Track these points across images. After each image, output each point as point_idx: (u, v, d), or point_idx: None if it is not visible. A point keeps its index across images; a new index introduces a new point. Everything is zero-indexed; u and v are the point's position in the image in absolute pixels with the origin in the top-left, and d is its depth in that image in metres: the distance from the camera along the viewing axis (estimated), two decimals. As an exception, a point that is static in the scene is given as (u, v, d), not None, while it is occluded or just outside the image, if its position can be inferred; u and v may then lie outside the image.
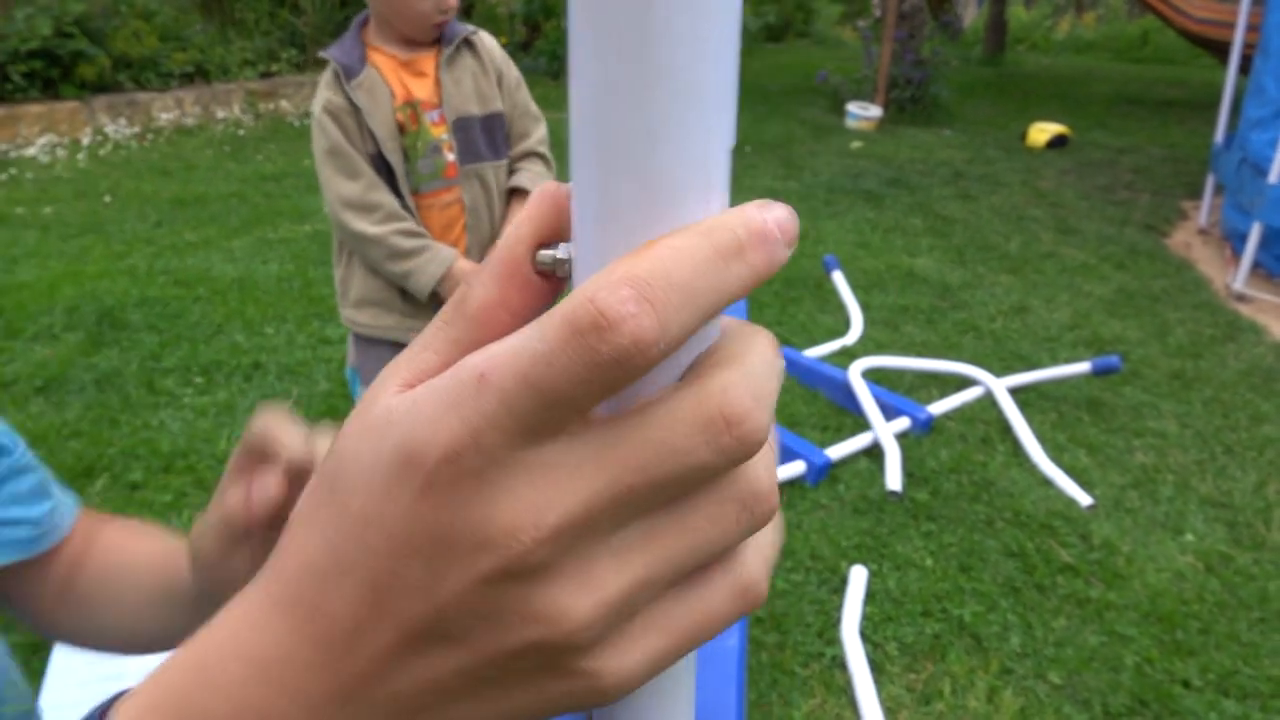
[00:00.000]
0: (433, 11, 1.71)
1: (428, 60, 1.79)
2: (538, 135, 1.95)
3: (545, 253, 0.24)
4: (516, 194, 1.93)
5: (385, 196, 1.73)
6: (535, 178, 1.94)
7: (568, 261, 0.23)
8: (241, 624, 0.23)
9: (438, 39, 1.79)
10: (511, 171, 1.92)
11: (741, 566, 0.24)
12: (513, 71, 1.92)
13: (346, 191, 1.71)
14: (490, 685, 0.22)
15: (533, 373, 0.19)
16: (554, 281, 0.24)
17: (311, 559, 0.22)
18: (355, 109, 1.70)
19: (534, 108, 1.96)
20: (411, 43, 1.77)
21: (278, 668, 0.22)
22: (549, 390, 0.19)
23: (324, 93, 1.71)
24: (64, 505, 0.64)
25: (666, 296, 0.19)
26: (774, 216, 0.21)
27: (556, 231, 0.24)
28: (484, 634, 0.21)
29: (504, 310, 0.23)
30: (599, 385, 0.19)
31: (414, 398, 0.21)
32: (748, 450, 0.21)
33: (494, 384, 0.20)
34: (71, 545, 0.64)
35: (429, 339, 0.23)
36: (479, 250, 1.89)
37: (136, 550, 0.64)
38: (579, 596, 0.21)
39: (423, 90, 1.77)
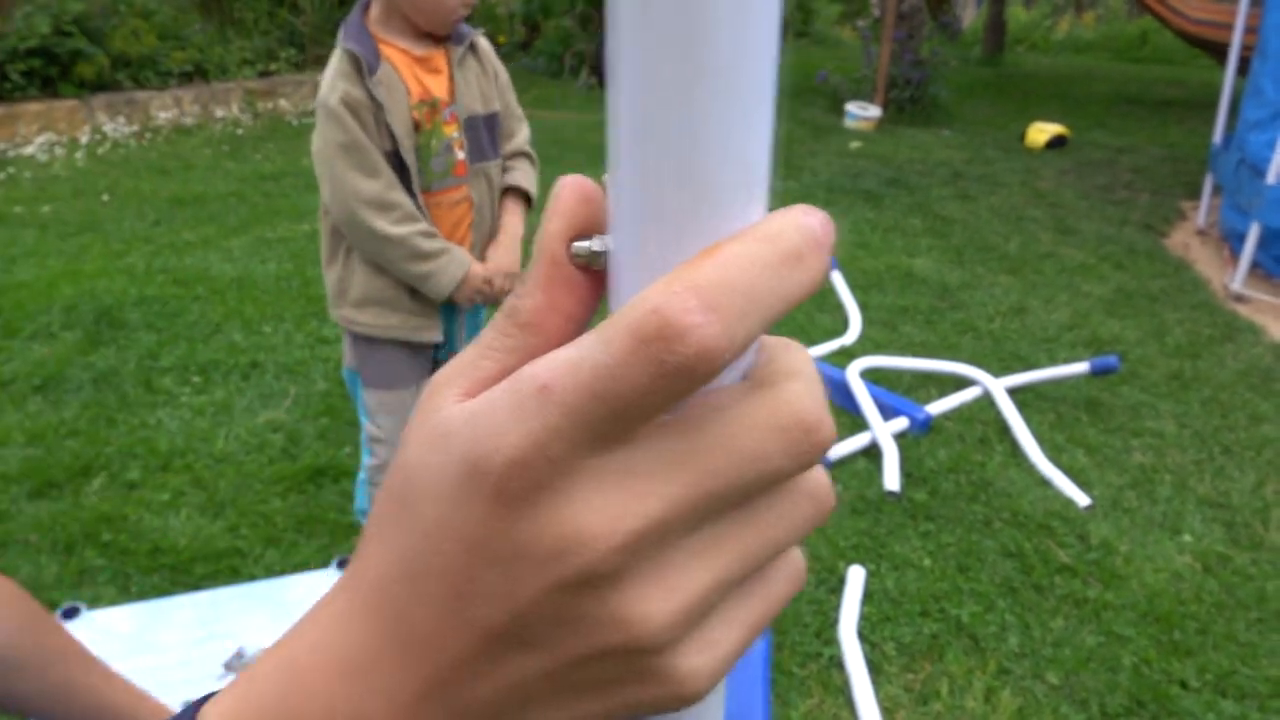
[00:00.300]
0: (458, 5, 1.68)
1: (441, 57, 1.78)
2: (524, 135, 1.97)
3: (581, 244, 0.23)
4: (511, 192, 1.94)
5: (403, 196, 1.72)
6: (528, 176, 1.96)
7: (604, 254, 0.23)
8: (329, 628, 0.23)
9: (447, 36, 1.79)
10: (504, 170, 1.93)
11: (793, 551, 0.24)
12: (504, 73, 1.94)
13: (366, 189, 1.67)
14: (571, 690, 0.22)
15: (597, 384, 0.19)
16: (596, 276, 0.24)
17: (391, 568, 0.22)
18: (377, 105, 1.67)
19: (519, 109, 1.98)
20: (423, 37, 1.74)
21: (367, 670, 0.22)
22: (614, 401, 0.19)
23: (341, 84, 1.65)
24: None
25: (732, 302, 0.19)
26: (821, 220, 0.22)
27: (588, 223, 0.24)
28: (563, 639, 0.21)
29: (555, 314, 0.23)
30: (665, 395, 0.19)
31: (474, 409, 0.21)
32: (820, 455, 0.21)
33: (557, 396, 0.20)
34: None
35: (486, 346, 0.23)
36: (481, 247, 1.90)
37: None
38: (657, 601, 0.21)
39: (440, 88, 1.76)
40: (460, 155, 1.81)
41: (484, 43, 1.87)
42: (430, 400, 0.23)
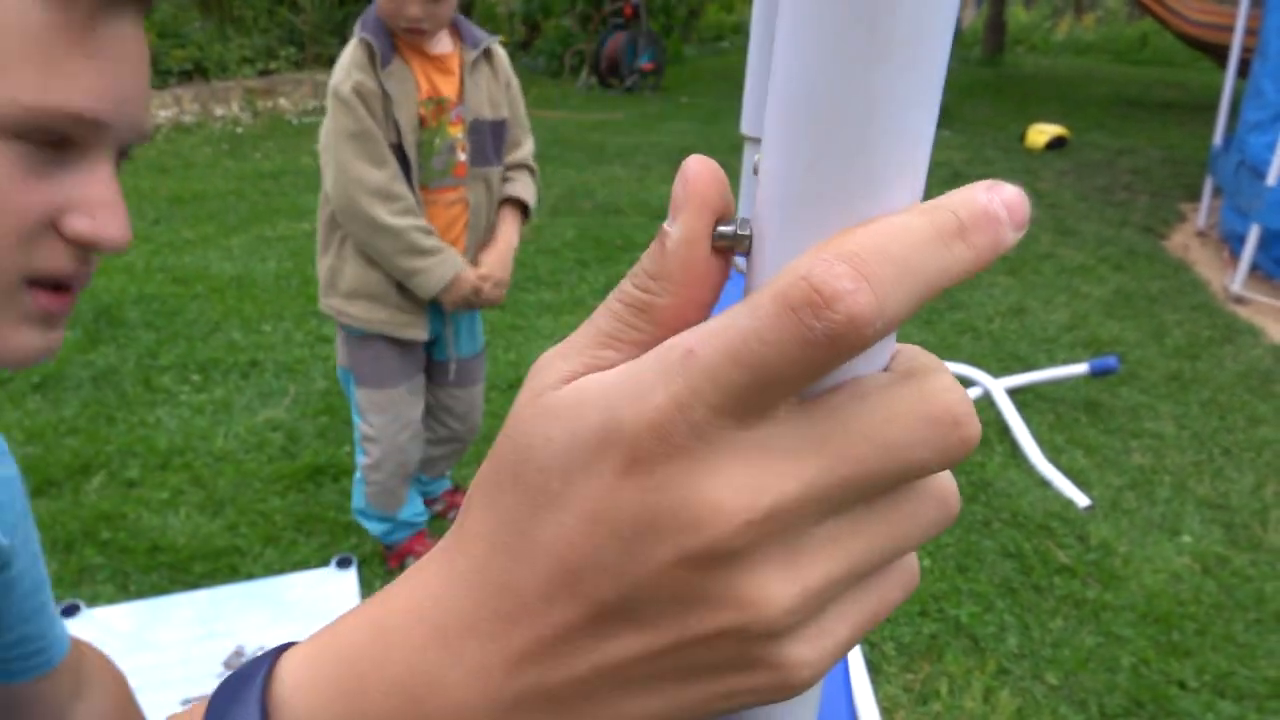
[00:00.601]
0: (410, 15, 1.66)
1: (454, 59, 1.79)
2: (528, 147, 1.98)
3: (725, 229, 0.23)
4: (510, 202, 1.94)
5: (405, 189, 1.73)
6: (528, 188, 1.97)
7: (748, 237, 0.23)
8: (423, 594, 0.23)
9: (460, 39, 1.79)
10: (505, 180, 1.94)
11: (910, 555, 0.24)
12: (516, 83, 1.95)
13: (371, 178, 1.68)
14: (673, 674, 0.21)
15: (744, 349, 0.19)
16: (727, 259, 0.23)
17: (500, 539, 0.22)
18: (385, 95, 1.67)
19: (526, 120, 1.99)
20: (419, 35, 1.73)
21: (457, 637, 0.22)
22: (759, 367, 0.19)
23: (355, 73, 1.66)
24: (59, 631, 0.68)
25: (884, 272, 0.18)
26: (1003, 198, 0.20)
27: (726, 207, 0.23)
28: (675, 618, 0.20)
29: (694, 309, 0.22)
30: (812, 364, 0.19)
31: (612, 379, 0.21)
32: (966, 452, 0.21)
33: (701, 359, 0.19)
34: (66, 677, 0.67)
35: (608, 335, 0.22)
36: (475, 251, 1.90)
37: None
38: (783, 583, 0.20)
39: (449, 88, 1.77)
40: (462, 157, 1.81)
41: (500, 51, 1.89)
42: (541, 378, 0.22)
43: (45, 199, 0.45)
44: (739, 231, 0.22)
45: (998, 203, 0.20)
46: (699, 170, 0.22)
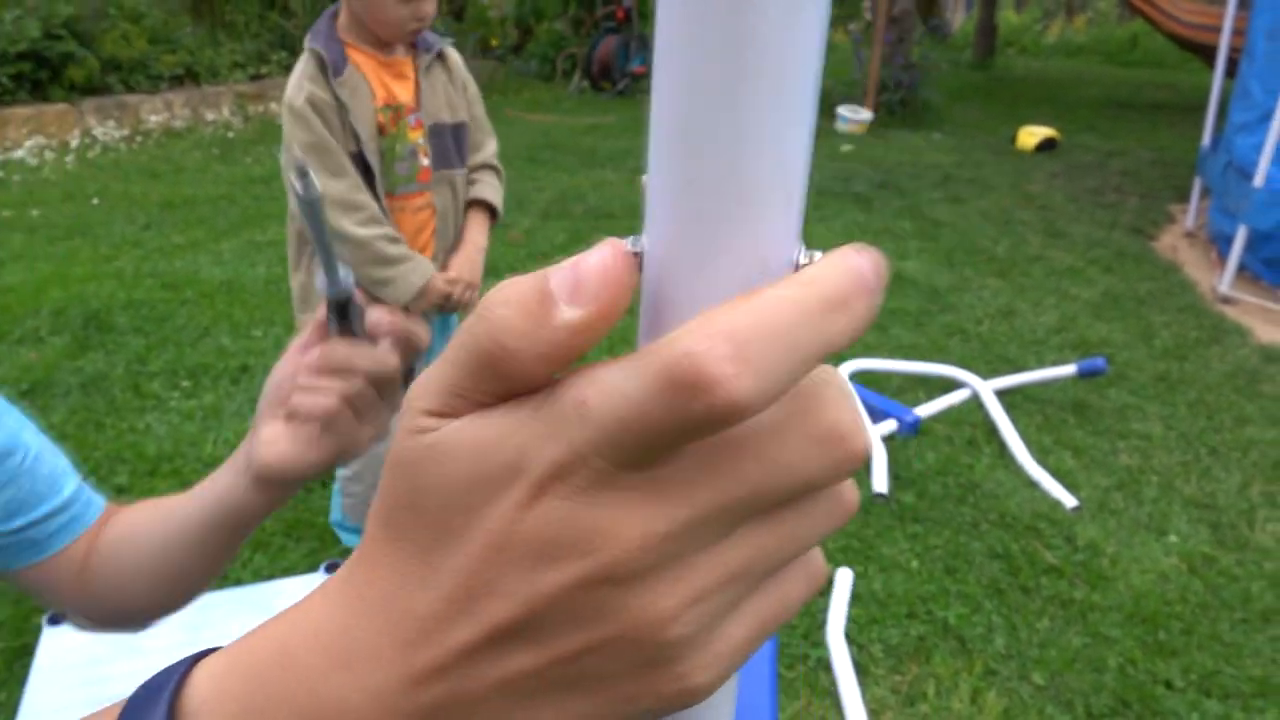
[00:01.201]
0: (408, 19, 1.69)
1: (408, 64, 1.79)
2: (490, 148, 1.99)
3: (632, 248, 0.23)
4: (476, 204, 1.94)
5: (368, 198, 1.72)
6: (494, 189, 1.96)
7: (640, 255, 0.23)
8: (327, 622, 0.24)
9: (413, 45, 1.80)
10: (470, 182, 1.94)
11: (813, 551, 0.24)
12: (473, 86, 1.94)
13: (332, 189, 1.67)
14: (567, 688, 0.22)
15: (628, 417, 0.19)
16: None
17: (402, 569, 0.23)
18: (340, 105, 1.68)
19: (488, 123, 1.99)
20: (385, 45, 1.75)
21: (362, 664, 0.23)
22: (643, 434, 0.19)
23: (306, 85, 1.67)
24: (83, 502, 0.70)
25: (766, 353, 0.19)
26: (872, 261, 0.21)
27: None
28: (569, 634, 0.21)
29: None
30: (691, 436, 0.20)
31: (504, 421, 0.21)
32: (856, 466, 0.21)
33: (594, 417, 0.20)
34: (86, 535, 0.70)
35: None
36: (444, 255, 1.90)
37: (135, 519, 0.71)
38: (675, 596, 0.21)
39: (405, 93, 1.78)
40: (425, 162, 1.81)
41: (454, 54, 1.89)
42: (416, 419, 0.23)
43: None
44: (632, 249, 0.23)
45: (869, 267, 0.21)
46: (609, 267, 0.21)
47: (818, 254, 0.22)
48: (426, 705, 0.22)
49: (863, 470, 2.59)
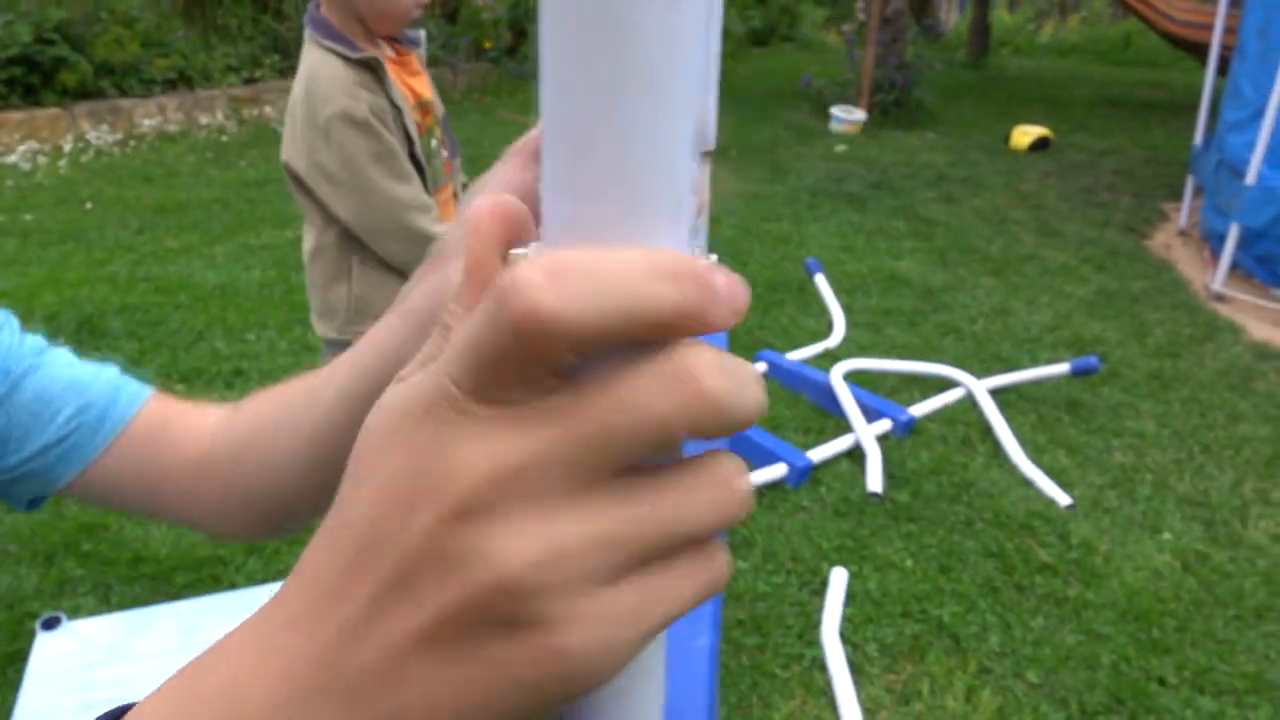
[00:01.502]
0: (411, 7, 1.65)
1: (414, 59, 1.77)
2: None
3: (517, 251, 0.24)
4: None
5: (430, 198, 1.72)
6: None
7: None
8: (263, 612, 0.25)
9: (397, 40, 1.76)
10: None
11: (710, 551, 0.24)
12: None
13: (405, 195, 1.63)
14: (450, 652, 0.22)
15: (471, 337, 0.21)
16: None
17: (318, 538, 0.24)
18: (398, 110, 1.64)
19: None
20: (370, 39, 1.69)
21: (280, 644, 0.23)
22: (478, 348, 0.21)
23: (363, 94, 1.59)
24: (121, 393, 0.63)
25: (578, 283, 0.20)
26: (726, 278, 0.22)
27: (516, 235, 0.25)
28: (441, 584, 0.21)
29: None
30: (509, 352, 0.20)
31: (416, 360, 0.24)
32: (708, 409, 0.21)
33: (451, 344, 0.22)
34: (149, 426, 0.62)
35: (426, 356, 0.25)
36: None
37: (270, 406, 0.61)
38: (532, 539, 0.21)
39: (425, 89, 1.77)
40: (445, 154, 1.82)
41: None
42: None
43: None
44: (529, 254, 0.24)
45: (721, 279, 0.21)
46: (485, 209, 0.25)
47: (714, 257, 0.23)
48: (352, 677, 0.22)
49: (858, 470, 2.60)
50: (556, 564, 0.21)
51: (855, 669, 1.91)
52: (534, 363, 0.21)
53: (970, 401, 2.98)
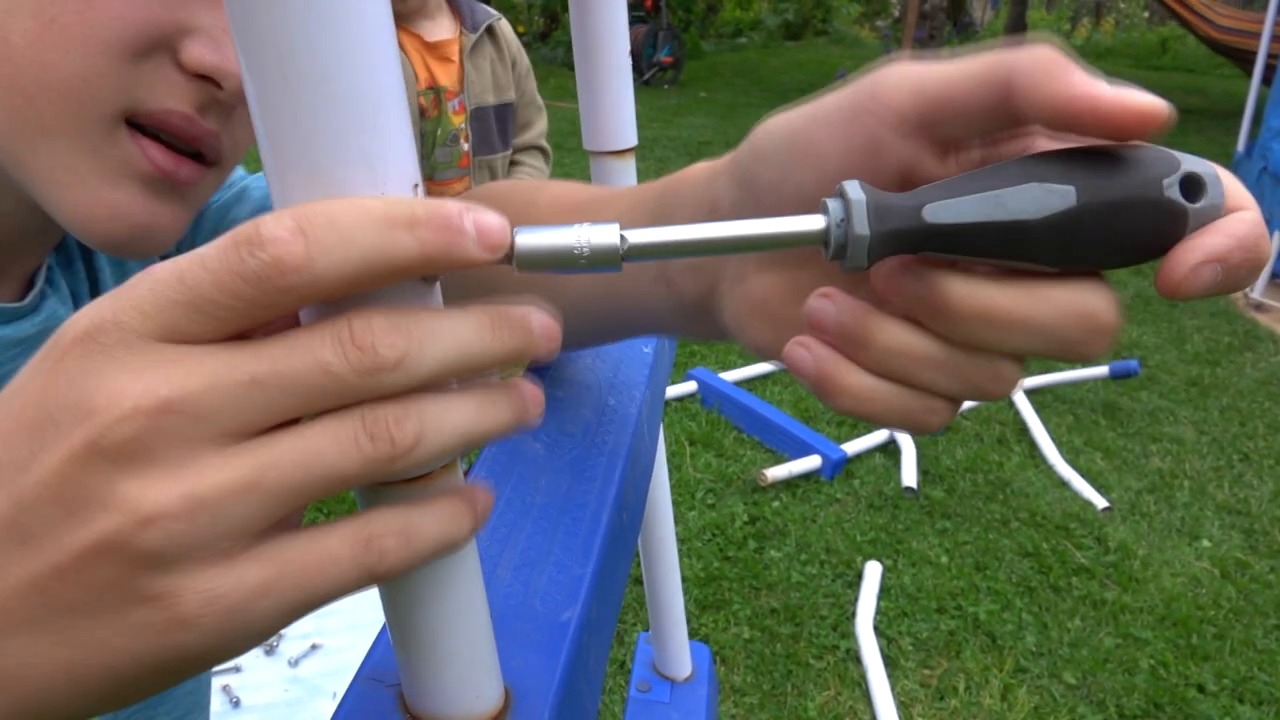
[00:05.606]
0: None
1: (453, 45, 1.74)
2: (539, 127, 1.93)
3: None
4: None
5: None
6: (537, 173, 1.90)
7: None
8: None
9: (459, 20, 1.76)
10: (513, 163, 1.90)
11: (370, 522, 0.23)
12: (524, 60, 1.89)
13: None
14: (63, 609, 0.20)
15: (188, 271, 0.20)
16: None
17: None
18: None
19: (538, 98, 1.93)
20: (403, 16, 1.68)
21: None
22: (194, 287, 0.20)
23: None
24: None
25: (323, 235, 0.20)
26: (475, 217, 0.22)
27: None
28: (60, 529, 0.20)
29: None
30: (241, 298, 0.20)
31: None
32: (370, 359, 0.21)
33: (154, 274, 0.20)
34: None
35: None
36: None
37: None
38: (166, 485, 0.19)
39: (447, 77, 1.74)
40: (465, 147, 1.78)
41: (505, 28, 1.83)
42: None
43: (163, 10, 0.36)
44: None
45: (467, 218, 0.21)
46: None
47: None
48: None
49: (892, 464, 2.58)
50: (191, 514, 0.20)
51: (890, 662, 1.90)
52: (261, 311, 0.20)
53: (1006, 400, 2.95)
